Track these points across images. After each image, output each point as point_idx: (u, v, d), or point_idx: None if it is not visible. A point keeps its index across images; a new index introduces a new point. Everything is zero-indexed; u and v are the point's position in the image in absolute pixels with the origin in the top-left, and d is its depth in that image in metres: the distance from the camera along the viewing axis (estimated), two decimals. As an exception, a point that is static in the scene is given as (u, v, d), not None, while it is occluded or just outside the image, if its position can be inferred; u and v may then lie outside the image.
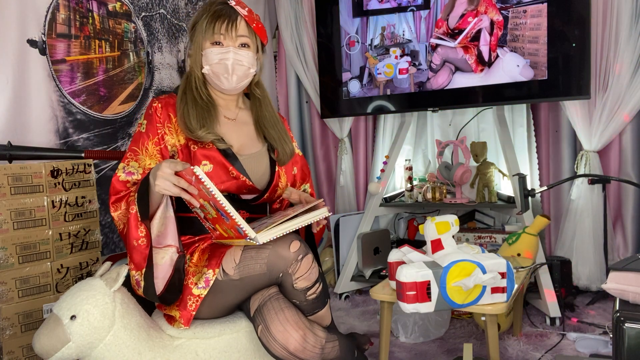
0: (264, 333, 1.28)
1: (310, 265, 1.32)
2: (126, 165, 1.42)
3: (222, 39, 1.46)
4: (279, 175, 1.56)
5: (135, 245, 1.32)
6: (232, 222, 1.23)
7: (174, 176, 1.27)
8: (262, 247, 1.30)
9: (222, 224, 1.30)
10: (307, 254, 1.31)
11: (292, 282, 1.30)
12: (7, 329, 1.61)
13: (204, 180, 1.19)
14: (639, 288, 1.16)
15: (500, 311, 1.53)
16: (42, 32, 2.07)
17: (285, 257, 1.29)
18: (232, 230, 1.27)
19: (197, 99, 1.49)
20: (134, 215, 1.32)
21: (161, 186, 1.27)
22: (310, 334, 1.30)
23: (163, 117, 1.45)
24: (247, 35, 1.48)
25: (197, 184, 1.24)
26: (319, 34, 2.96)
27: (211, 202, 1.24)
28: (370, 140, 3.22)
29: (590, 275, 2.58)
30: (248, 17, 1.48)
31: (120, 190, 1.40)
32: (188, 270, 1.37)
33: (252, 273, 1.31)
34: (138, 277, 1.33)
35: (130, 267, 1.34)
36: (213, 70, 1.47)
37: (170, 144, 1.45)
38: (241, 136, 1.54)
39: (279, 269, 1.30)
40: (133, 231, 1.32)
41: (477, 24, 2.55)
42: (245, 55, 1.48)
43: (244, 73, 1.50)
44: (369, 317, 2.53)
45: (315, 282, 1.33)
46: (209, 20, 1.45)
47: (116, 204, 1.39)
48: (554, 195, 2.78)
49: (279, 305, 1.30)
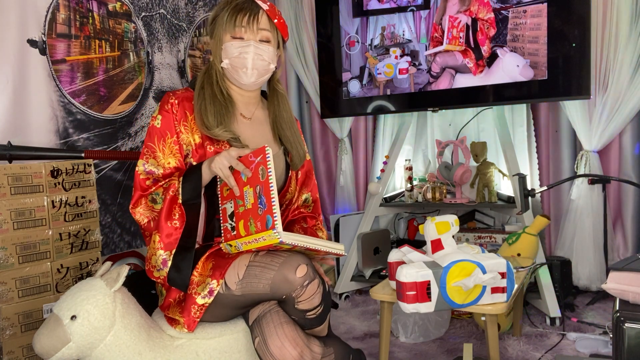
0: (261, 346, 1.28)
1: (315, 291, 1.28)
2: (145, 162, 1.42)
3: (243, 32, 1.42)
4: (291, 179, 1.56)
5: (167, 226, 1.33)
6: (269, 208, 1.23)
7: (236, 160, 1.32)
8: (268, 266, 1.28)
9: (249, 218, 1.29)
10: (313, 280, 1.28)
11: (295, 304, 1.29)
12: (7, 329, 1.61)
13: (269, 160, 1.24)
14: (639, 288, 1.16)
15: (500, 311, 1.53)
16: (42, 32, 2.07)
17: (291, 281, 1.26)
18: (259, 223, 1.26)
19: (217, 94, 1.46)
20: (173, 197, 1.34)
21: (220, 162, 1.31)
22: (307, 351, 1.29)
23: (180, 114, 1.43)
24: (268, 29, 1.44)
25: (257, 166, 1.27)
26: (319, 34, 2.96)
27: (259, 186, 1.26)
28: (370, 140, 3.22)
29: (590, 275, 2.58)
30: (270, 11, 1.44)
31: (145, 188, 1.40)
32: (192, 279, 1.35)
33: (254, 291, 1.29)
34: (166, 256, 1.33)
35: (157, 247, 1.34)
36: (232, 64, 1.44)
37: (186, 143, 1.43)
38: (257, 137, 1.52)
39: (283, 292, 1.27)
40: (166, 213, 1.33)
41: (454, 22, 2.55)
42: (266, 50, 1.44)
43: (264, 68, 1.46)
44: (369, 317, 2.53)
45: (318, 306, 1.31)
46: (230, 13, 1.42)
47: (139, 201, 1.40)
48: (554, 195, 2.78)
49: (278, 320, 1.29)
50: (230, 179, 1.32)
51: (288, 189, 1.56)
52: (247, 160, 1.32)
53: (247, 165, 1.31)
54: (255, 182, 1.28)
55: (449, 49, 2.62)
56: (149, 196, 1.40)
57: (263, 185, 1.25)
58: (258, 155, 1.28)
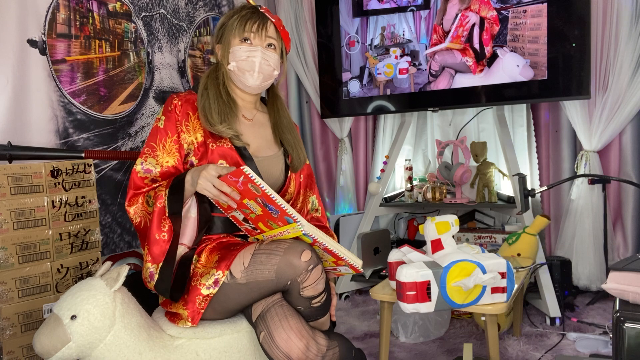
0: (267, 340, 1.28)
1: (319, 276, 1.31)
2: (144, 160, 1.45)
3: (252, 37, 1.50)
4: (290, 180, 1.59)
5: (156, 239, 1.35)
6: (282, 212, 1.25)
7: (216, 179, 1.31)
8: (273, 253, 1.30)
9: (267, 220, 1.31)
10: (317, 265, 1.30)
11: (300, 290, 1.30)
12: (7, 329, 1.61)
13: (254, 178, 1.23)
14: (639, 288, 1.16)
15: (500, 311, 1.53)
16: (42, 32, 2.07)
17: (296, 265, 1.28)
18: (280, 222, 1.29)
19: (222, 94, 1.51)
20: (161, 209, 1.36)
21: (203, 185, 1.32)
22: (313, 342, 1.30)
23: (182, 114, 1.48)
24: (275, 38, 1.53)
25: (244, 184, 1.26)
26: (319, 34, 2.96)
27: (259, 198, 1.26)
28: (370, 140, 3.22)
29: (590, 275, 2.58)
30: (277, 22, 1.54)
31: (140, 187, 1.44)
32: (196, 272, 1.37)
33: (259, 278, 1.30)
34: (153, 270, 1.36)
35: (147, 259, 1.36)
36: (239, 66, 1.50)
37: (187, 142, 1.47)
38: (258, 137, 1.56)
39: (288, 277, 1.29)
40: (156, 225, 1.36)
41: (463, 21, 2.55)
42: (272, 56, 1.52)
43: (269, 73, 1.53)
44: (369, 317, 2.53)
45: (322, 292, 1.33)
46: (240, 20, 1.50)
47: (134, 199, 1.43)
48: (554, 195, 2.79)
49: (282, 313, 1.30)
50: (221, 196, 1.33)
51: (287, 190, 1.58)
52: (227, 180, 1.30)
53: (229, 184, 1.30)
54: (252, 196, 1.28)
55: (450, 47, 2.61)
56: (145, 196, 1.43)
57: (264, 197, 1.25)
58: (238, 176, 1.26)
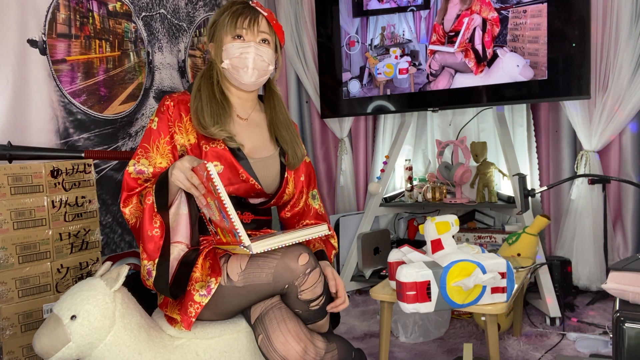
0: (265, 343, 1.28)
1: (317, 279, 1.30)
2: (137, 162, 1.44)
3: (244, 33, 1.47)
4: (287, 181, 1.56)
5: (149, 236, 1.34)
6: (230, 225, 1.21)
7: (189, 170, 1.30)
8: (270, 256, 1.29)
9: (222, 227, 1.29)
10: (315, 268, 1.30)
11: (297, 294, 1.29)
12: (7, 329, 1.61)
13: (214, 177, 1.20)
14: (639, 288, 1.16)
15: (500, 311, 1.53)
16: (43, 32, 2.07)
17: (293, 269, 1.27)
18: (229, 235, 1.26)
19: (217, 94, 1.49)
20: (150, 205, 1.34)
21: (175, 176, 1.31)
22: (311, 345, 1.29)
23: (174, 115, 1.46)
24: (267, 32, 1.50)
25: (207, 181, 1.24)
26: (319, 34, 2.96)
27: (217, 201, 1.24)
28: (370, 140, 3.22)
29: (590, 275, 2.58)
30: (269, 16, 1.51)
31: (133, 187, 1.43)
32: (192, 275, 1.36)
33: (256, 281, 1.30)
34: (150, 267, 1.34)
35: (143, 257, 1.35)
36: (233, 64, 1.47)
37: (180, 144, 1.45)
38: (253, 138, 1.54)
39: (286, 281, 1.28)
40: (147, 222, 1.34)
41: (470, 24, 2.55)
42: (265, 51, 1.49)
43: (264, 69, 1.50)
44: (369, 317, 2.53)
45: (320, 296, 1.32)
46: (231, 17, 1.47)
47: (128, 200, 1.42)
48: (554, 195, 2.79)
49: (281, 316, 1.29)
50: (192, 189, 1.31)
51: (285, 190, 1.56)
52: (199, 174, 1.29)
53: (200, 178, 1.29)
54: (212, 195, 1.26)
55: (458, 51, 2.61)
56: (139, 196, 1.42)
57: (218, 201, 1.23)
58: (203, 170, 1.25)
